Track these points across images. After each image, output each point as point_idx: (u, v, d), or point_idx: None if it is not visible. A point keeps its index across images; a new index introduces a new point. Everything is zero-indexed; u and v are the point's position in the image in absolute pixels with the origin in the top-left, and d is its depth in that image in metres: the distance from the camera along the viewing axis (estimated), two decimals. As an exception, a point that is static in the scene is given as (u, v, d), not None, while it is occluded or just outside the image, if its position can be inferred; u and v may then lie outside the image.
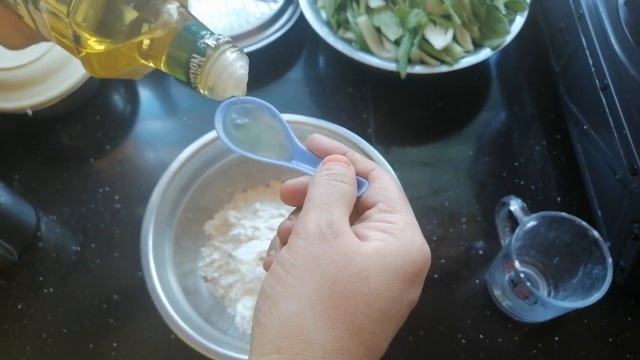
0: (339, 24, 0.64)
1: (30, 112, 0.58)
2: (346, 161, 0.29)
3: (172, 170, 0.51)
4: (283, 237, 0.29)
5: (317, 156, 0.31)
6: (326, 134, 0.53)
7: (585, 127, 0.57)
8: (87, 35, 0.25)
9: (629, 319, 0.53)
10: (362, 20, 0.60)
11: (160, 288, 0.46)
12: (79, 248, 0.57)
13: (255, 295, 0.51)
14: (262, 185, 0.58)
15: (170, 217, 0.51)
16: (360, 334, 0.25)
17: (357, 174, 0.30)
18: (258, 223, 0.53)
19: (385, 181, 0.29)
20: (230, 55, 0.27)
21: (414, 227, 0.28)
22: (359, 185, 0.29)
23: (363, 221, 0.28)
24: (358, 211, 0.29)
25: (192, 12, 0.29)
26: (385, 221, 0.27)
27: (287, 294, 0.25)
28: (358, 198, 0.29)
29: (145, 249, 0.47)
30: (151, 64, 0.28)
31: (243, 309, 0.49)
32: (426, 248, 0.28)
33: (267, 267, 0.28)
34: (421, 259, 0.27)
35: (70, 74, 0.59)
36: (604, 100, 0.53)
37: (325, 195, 0.27)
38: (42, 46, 0.58)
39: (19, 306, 0.54)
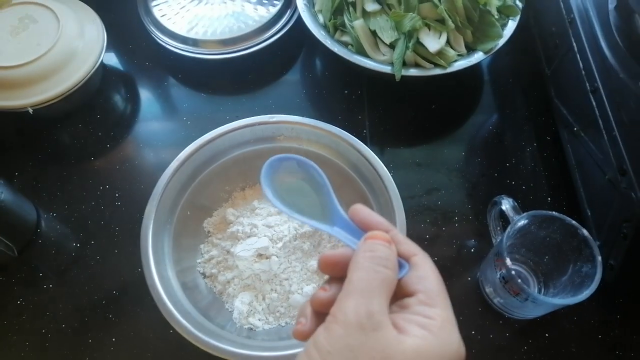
0: (335, 27, 0.65)
1: (31, 111, 0.59)
2: (389, 239, 0.29)
3: (171, 169, 0.52)
4: (315, 307, 0.29)
5: (359, 227, 0.30)
6: (323, 134, 0.54)
7: (575, 129, 0.59)
8: None
9: (618, 317, 0.54)
10: (358, 23, 0.62)
11: (159, 284, 0.46)
12: (78, 245, 0.58)
13: (252, 290, 0.52)
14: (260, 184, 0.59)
15: (169, 214, 0.52)
16: None
17: (399, 256, 0.29)
18: (256, 220, 0.54)
19: (427, 270, 0.29)
20: None
21: (452, 324, 0.27)
22: (400, 267, 0.29)
23: (402, 310, 0.28)
24: (395, 295, 0.28)
25: (191, 15, 0.29)
26: (424, 315, 0.27)
27: None
28: (397, 281, 0.28)
29: (145, 245, 0.48)
30: None
31: (240, 304, 0.50)
32: (462, 349, 0.27)
33: (297, 335, 0.29)
34: (456, 359, 0.27)
35: (71, 73, 0.60)
36: (593, 103, 0.54)
37: (367, 281, 0.27)
38: (44, 45, 0.59)
39: (19, 302, 0.55)
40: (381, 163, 0.52)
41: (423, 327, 0.26)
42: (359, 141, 0.53)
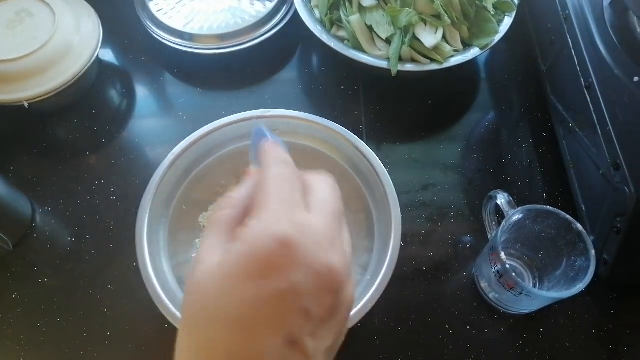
0: (332, 22, 0.65)
1: (26, 105, 0.59)
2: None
3: (167, 163, 0.52)
4: None
5: None
6: (319, 129, 0.55)
7: (570, 125, 0.59)
8: None
9: (612, 311, 0.55)
10: (354, 18, 0.62)
11: (155, 278, 0.46)
12: (74, 239, 0.58)
13: None
14: None
15: (165, 208, 0.52)
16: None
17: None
18: None
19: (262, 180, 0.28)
20: None
21: (268, 209, 0.25)
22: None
23: None
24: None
25: (188, 10, 0.30)
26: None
27: None
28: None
29: (140, 239, 0.48)
30: None
31: None
32: (285, 225, 0.24)
33: None
34: (270, 243, 0.24)
35: (67, 68, 0.60)
36: (588, 99, 0.55)
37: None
38: (40, 39, 0.59)
39: (14, 296, 0.55)
40: (377, 158, 0.52)
41: (234, 238, 0.25)
42: (356, 136, 0.53)
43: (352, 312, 0.43)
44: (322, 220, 0.26)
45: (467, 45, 0.63)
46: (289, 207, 0.26)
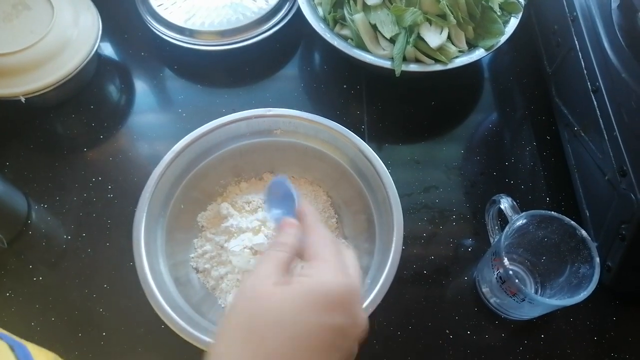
0: (335, 20, 0.64)
1: (23, 99, 0.58)
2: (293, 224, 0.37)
3: (165, 161, 0.51)
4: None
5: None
6: (321, 129, 0.54)
7: (575, 128, 0.58)
8: None
9: (614, 319, 0.54)
10: (358, 17, 0.61)
11: (151, 278, 0.46)
12: (69, 237, 0.57)
13: None
14: (255, 178, 0.58)
15: (163, 207, 0.51)
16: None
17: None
18: (251, 216, 0.53)
19: (312, 237, 0.35)
20: None
21: (330, 267, 0.32)
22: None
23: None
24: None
25: (189, 5, 0.31)
26: (305, 272, 0.32)
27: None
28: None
29: (137, 238, 0.47)
30: None
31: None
32: (341, 279, 0.31)
33: None
34: (335, 290, 0.30)
35: (65, 62, 0.59)
36: (595, 102, 0.54)
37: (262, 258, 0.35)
38: (37, 32, 0.58)
39: (8, 294, 0.54)
40: (379, 160, 0.51)
41: (300, 275, 0.31)
42: (357, 137, 0.52)
43: None
44: (358, 281, 0.33)
45: (472, 46, 0.62)
46: (341, 265, 0.33)
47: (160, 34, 0.67)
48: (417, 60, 0.60)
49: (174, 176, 0.52)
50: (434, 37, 0.59)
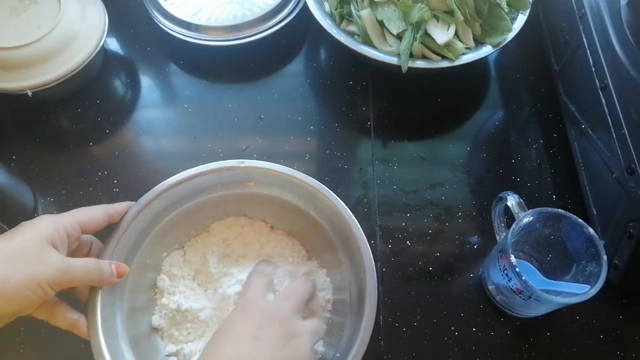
0: (342, 16, 0.64)
1: (30, 93, 0.58)
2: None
3: (129, 217, 0.47)
4: None
5: None
6: (297, 183, 0.49)
7: (583, 126, 0.58)
8: None
9: (621, 317, 0.54)
10: (365, 13, 0.61)
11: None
12: (75, 231, 0.57)
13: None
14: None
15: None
16: None
17: None
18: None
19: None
20: None
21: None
22: None
23: None
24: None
25: (195, 0, 0.28)
26: None
27: None
28: None
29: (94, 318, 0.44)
30: None
31: None
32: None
33: None
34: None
35: (71, 56, 0.59)
36: (603, 100, 0.54)
37: None
38: (44, 27, 0.58)
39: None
40: (356, 221, 0.47)
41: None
42: (335, 195, 0.49)
43: None
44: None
45: (479, 42, 0.62)
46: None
47: (167, 29, 0.67)
48: (424, 57, 0.60)
49: (134, 238, 0.48)
50: (441, 34, 0.59)
